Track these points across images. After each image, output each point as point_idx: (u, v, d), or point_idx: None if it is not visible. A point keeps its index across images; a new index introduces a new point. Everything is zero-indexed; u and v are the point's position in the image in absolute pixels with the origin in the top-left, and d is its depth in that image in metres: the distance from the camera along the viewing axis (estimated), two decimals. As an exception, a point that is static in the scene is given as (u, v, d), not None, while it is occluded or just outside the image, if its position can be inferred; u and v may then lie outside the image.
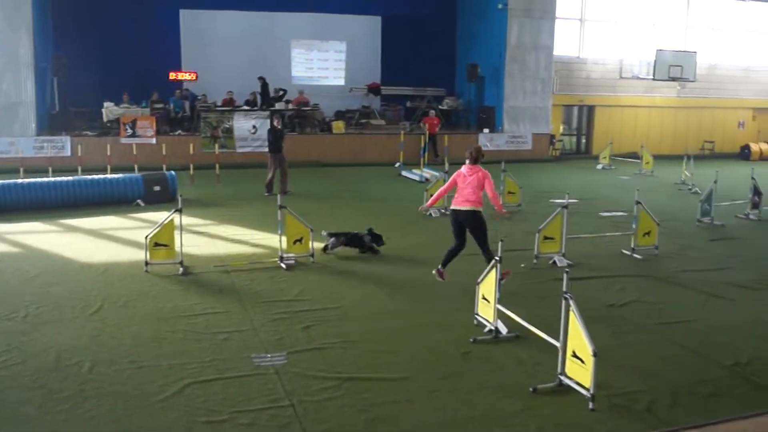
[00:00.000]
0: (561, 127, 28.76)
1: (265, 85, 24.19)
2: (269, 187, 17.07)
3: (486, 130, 25.76)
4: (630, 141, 28.02)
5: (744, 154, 29.66)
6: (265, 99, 24.07)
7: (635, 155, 25.55)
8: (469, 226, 9.57)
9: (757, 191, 15.56)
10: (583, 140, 29.59)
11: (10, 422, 5.72)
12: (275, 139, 17.09)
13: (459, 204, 9.54)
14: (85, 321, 8.09)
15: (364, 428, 5.77)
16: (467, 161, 9.65)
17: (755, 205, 15.58)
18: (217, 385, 6.42)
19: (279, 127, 17.54)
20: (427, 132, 23.11)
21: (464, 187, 9.50)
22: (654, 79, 27.64)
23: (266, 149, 17.97)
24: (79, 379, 6.50)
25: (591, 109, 28.87)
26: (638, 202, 11.74)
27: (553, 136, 27.25)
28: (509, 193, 15.92)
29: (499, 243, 7.54)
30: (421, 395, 6.36)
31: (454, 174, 9.75)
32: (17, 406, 5.97)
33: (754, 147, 29.73)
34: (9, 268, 10.25)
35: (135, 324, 8.01)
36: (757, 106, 31.07)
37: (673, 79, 27.82)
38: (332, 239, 11.48)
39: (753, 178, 15.63)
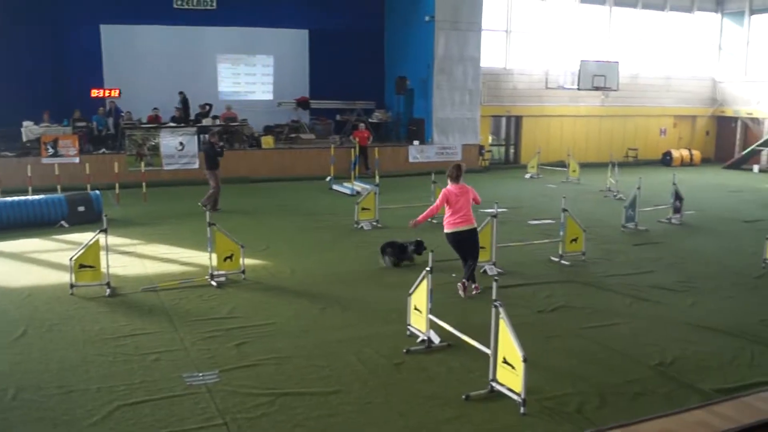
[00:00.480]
0: (490, 138, 29.16)
1: (185, 100, 23.78)
2: (215, 203, 16.75)
3: (416, 142, 25.96)
4: (557, 150, 28.51)
5: (666, 160, 30.62)
6: (186, 114, 23.68)
7: (562, 164, 26.06)
8: (470, 241, 9.81)
9: (678, 196, 16.07)
10: (512, 150, 30.05)
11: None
12: (215, 154, 16.76)
13: (460, 225, 9.67)
14: (8, 347, 7.83)
15: (299, 444, 5.75)
16: (450, 180, 9.77)
17: (677, 210, 16.08)
18: (147, 407, 6.30)
19: (221, 143, 17.29)
20: (358, 145, 23.13)
21: (461, 206, 9.65)
22: (579, 89, 28.18)
23: (194, 167, 17.65)
24: (3, 407, 6.29)
25: (518, 119, 29.35)
26: (565, 210, 11.99)
27: (482, 147, 27.58)
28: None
29: (430, 254, 7.61)
30: (354, 408, 6.36)
31: (443, 192, 9.79)
32: (-65, 439, 5.75)
33: (676, 153, 30.76)
34: (-75, 296, 9.85)
35: (61, 348, 7.79)
36: (677, 113, 32.06)
37: (597, 89, 28.45)
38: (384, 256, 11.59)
39: (674, 184, 16.13)
